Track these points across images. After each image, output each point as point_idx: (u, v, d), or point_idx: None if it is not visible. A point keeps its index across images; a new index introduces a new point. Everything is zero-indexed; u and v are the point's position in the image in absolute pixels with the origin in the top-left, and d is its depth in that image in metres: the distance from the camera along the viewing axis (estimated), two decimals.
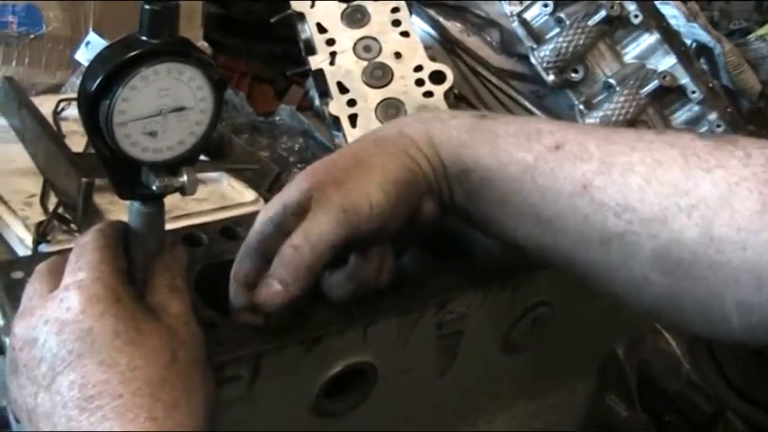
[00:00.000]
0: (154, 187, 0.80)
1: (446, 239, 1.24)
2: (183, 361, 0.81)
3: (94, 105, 0.75)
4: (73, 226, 1.45)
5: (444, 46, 2.15)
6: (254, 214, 1.15)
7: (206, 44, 2.24)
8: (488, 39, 2.27)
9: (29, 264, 0.95)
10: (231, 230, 1.10)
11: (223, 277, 1.05)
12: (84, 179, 1.45)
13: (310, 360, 0.98)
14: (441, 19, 2.25)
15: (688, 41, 2.26)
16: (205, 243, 1.08)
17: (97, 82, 0.74)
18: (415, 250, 1.14)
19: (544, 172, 0.91)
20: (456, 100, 1.93)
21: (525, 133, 0.94)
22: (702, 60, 2.34)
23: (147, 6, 0.73)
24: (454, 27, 2.25)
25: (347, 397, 1.04)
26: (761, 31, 2.80)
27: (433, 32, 2.16)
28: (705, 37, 2.21)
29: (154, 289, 0.85)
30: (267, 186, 1.78)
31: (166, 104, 0.77)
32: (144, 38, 0.74)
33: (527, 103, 2.09)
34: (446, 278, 1.11)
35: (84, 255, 0.82)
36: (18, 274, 0.96)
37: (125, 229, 0.86)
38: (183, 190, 0.82)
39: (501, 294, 1.14)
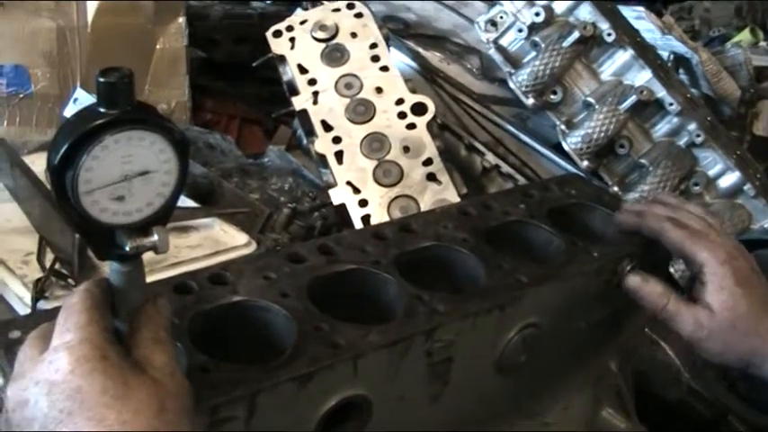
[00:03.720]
0: (127, 248, 0.82)
1: (432, 269, 1.27)
2: (171, 411, 0.84)
3: (60, 177, 0.77)
4: (70, 281, 1.48)
5: (425, 76, 2.19)
6: (240, 259, 1.18)
7: (186, 94, 2.28)
8: (469, 66, 2.31)
9: (25, 323, 0.99)
10: (220, 277, 1.13)
11: (215, 322, 1.08)
12: (78, 235, 1.48)
13: (304, 396, 1.00)
14: (420, 50, 2.29)
15: (665, 54, 2.29)
16: (195, 291, 1.10)
17: (60, 154, 0.76)
18: (403, 283, 1.17)
19: None
20: (440, 129, 1.96)
21: None
22: (681, 71, 2.37)
23: (101, 79, 0.76)
24: (434, 57, 2.29)
25: (344, 430, 1.07)
26: (737, 38, 2.83)
27: (413, 64, 2.20)
28: (682, 48, 2.24)
29: (138, 342, 0.88)
30: (259, 228, 1.81)
31: (131, 170, 0.79)
32: (102, 109, 0.77)
33: (510, 127, 2.12)
34: (433, 307, 1.13)
35: (71, 316, 0.85)
36: (15, 334, 0.99)
37: (110, 286, 0.89)
38: (156, 249, 0.84)
39: (488, 318, 1.17)
